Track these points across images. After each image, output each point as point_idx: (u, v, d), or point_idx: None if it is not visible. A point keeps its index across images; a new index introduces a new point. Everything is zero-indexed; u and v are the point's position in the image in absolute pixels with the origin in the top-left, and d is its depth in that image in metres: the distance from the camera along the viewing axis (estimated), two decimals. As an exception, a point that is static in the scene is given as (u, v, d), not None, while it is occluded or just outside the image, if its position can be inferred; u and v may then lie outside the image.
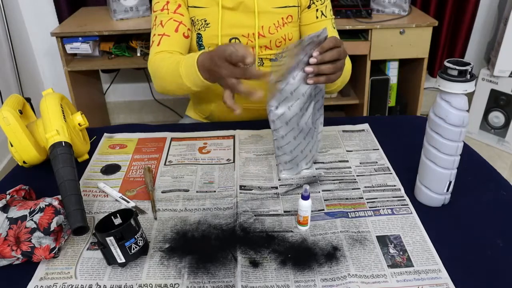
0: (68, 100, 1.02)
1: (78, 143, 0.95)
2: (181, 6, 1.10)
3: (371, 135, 1.08)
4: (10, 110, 0.88)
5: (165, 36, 1.07)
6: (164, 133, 1.11)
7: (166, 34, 1.07)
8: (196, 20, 1.12)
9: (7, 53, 2.22)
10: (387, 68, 2.27)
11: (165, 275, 0.70)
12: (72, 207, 0.75)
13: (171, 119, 2.74)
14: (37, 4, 2.34)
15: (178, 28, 1.08)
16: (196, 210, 0.84)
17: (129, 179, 0.94)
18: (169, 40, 1.07)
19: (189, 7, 1.12)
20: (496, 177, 0.92)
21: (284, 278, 0.68)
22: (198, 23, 1.12)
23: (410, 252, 0.73)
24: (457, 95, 0.72)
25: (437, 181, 0.80)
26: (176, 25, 1.08)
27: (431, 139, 0.77)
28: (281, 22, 1.11)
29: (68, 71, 2.07)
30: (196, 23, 1.12)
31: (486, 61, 2.62)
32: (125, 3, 2.07)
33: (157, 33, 1.08)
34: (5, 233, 0.72)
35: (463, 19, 2.36)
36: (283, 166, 0.92)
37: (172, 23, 1.08)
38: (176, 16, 1.09)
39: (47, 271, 0.71)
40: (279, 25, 1.11)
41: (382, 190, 0.88)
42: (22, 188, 0.84)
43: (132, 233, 0.70)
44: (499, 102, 2.32)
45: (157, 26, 1.09)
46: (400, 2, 2.06)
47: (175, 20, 1.08)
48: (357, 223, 0.79)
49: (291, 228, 0.79)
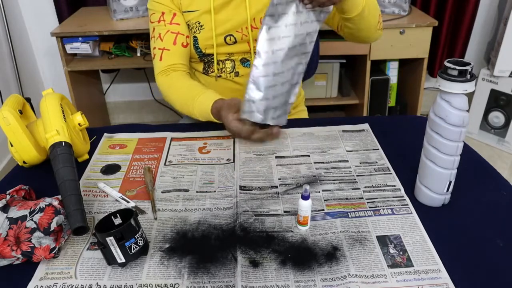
0: (68, 100, 1.02)
1: (78, 143, 0.95)
2: (176, 15, 1.13)
3: (371, 135, 1.08)
4: (10, 110, 0.88)
5: (165, 51, 1.13)
6: (164, 133, 1.11)
7: (166, 48, 1.13)
8: (192, 24, 1.13)
9: (7, 53, 2.22)
10: (387, 68, 2.27)
11: (165, 275, 0.70)
12: (72, 207, 0.75)
13: (171, 119, 2.74)
14: (37, 4, 2.34)
15: (176, 40, 1.12)
16: (196, 210, 0.84)
17: (129, 179, 0.94)
18: (170, 54, 1.13)
19: (184, 12, 1.13)
20: (496, 177, 0.92)
21: (284, 278, 0.68)
22: (193, 26, 1.13)
23: (410, 252, 0.73)
24: (457, 95, 0.72)
25: (437, 181, 0.80)
26: (174, 37, 1.12)
27: (431, 139, 0.77)
28: None
29: (68, 71, 2.07)
30: (191, 26, 1.13)
31: (486, 61, 2.62)
32: (125, 3, 2.07)
33: (157, 46, 1.14)
34: (5, 233, 0.72)
35: (463, 19, 2.36)
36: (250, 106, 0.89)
37: (170, 36, 1.12)
38: (172, 27, 1.13)
39: (47, 271, 0.71)
40: None
41: (382, 190, 0.88)
42: (22, 188, 0.84)
43: (132, 233, 0.70)
44: (499, 102, 2.32)
45: (156, 39, 1.14)
46: (400, 2, 2.06)
47: (172, 32, 1.12)
48: (357, 223, 0.79)
49: (291, 228, 0.79)
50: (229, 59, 1.17)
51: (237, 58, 1.18)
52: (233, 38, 1.13)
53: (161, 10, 1.12)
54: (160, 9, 1.13)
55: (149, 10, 1.16)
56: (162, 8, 1.12)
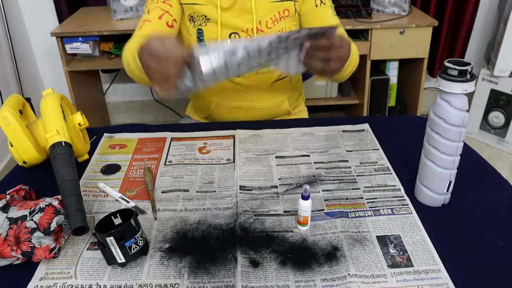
0: (68, 100, 1.02)
1: (78, 143, 0.95)
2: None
3: (371, 135, 1.08)
4: (10, 110, 0.88)
5: (148, 22, 1.09)
6: (164, 133, 1.11)
7: (148, 19, 1.09)
8: (196, 16, 1.12)
9: (7, 53, 2.22)
10: (387, 68, 2.27)
11: (165, 275, 0.70)
12: (72, 207, 0.75)
13: (171, 119, 2.74)
14: (37, 4, 2.34)
15: (162, 16, 1.10)
16: (196, 210, 0.84)
17: (129, 179, 0.94)
18: (151, 25, 1.09)
19: (186, 4, 1.12)
20: (496, 177, 0.92)
21: (284, 278, 0.68)
22: (198, 19, 1.13)
23: (410, 252, 0.73)
24: (457, 95, 0.72)
25: (437, 181, 0.80)
26: (161, 13, 1.10)
27: (431, 139, 0.77)
28: (278, 16, 1.13)
29: (68, 71, 2.07)
30: (196, 19, 1.13)
31: (486, 61, 2.62)
32: (125, 3, 2.07)
33: (142, 19, 1.11)
34: (5, 233, 0.72)
35: (463, 19, 2.36)
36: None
37: (157, 11, 1.10)
38: (163, 5, 1.11)
39: (47, 271, 0.71)
40: (276, 19, 1.13)
41: (382, 190, 0.88)
42: (22, 188, 0.84)
43: (132, 233, 0.70)
44: (499, 102, 2.32)
45: (144, 14, 1.12)
46: (400, 2, 2.06)
47: (161, 9, 1.11)
48: (357, 223, 0.79)
49: (291, 228, 0.79)
50: None
51: None
52: (238, 36, 1.14)
53: None
54: None
55: None
56: None
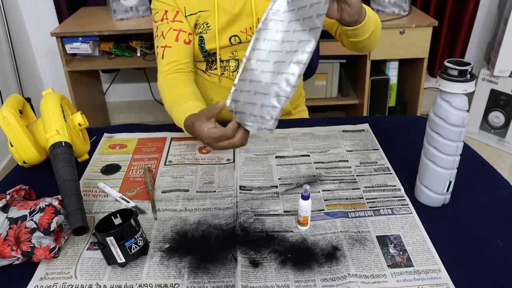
0: (68, 100, 1.02)
1: (78, 143, 0.95)
2: (179, 13, 1.14)
3: (371, 135, 1.08)
4: (10, 110, 0.88)
5: (167, 48, 1.12)
6: (164, 133, 1.11)
7: (167, 45, 1.12)
8: (200, 23, 1.13)
9: (7, 53, 2.22)
10: (387, 68, 2.27)
11: (165, 275, 0.70)
12: (72, 207, 0.75)
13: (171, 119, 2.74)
14: (37, 4, 2.34)
15: (178, 37, 1.12)
16: (196, 210, 0.84)
17: (129, 179, 0.94)
18: (171, 51, 1.12)
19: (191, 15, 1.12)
20: (496, 177, 0.92)
21: (284, 278, 0.68)
22: (200, 26, 1.13)
23: (410, 252, 0.73)
24: (457, 95, 0.72)
25: (437, 181, 0.80)
26: (176, 34, 1.12)
27: (431, 139, 0.77)
28: None
29: (68, 71, 2.06)
30: (199, 26, 1.13)
31: (486, 61, 2.62)
32: (125, 3, 2.07)
33: (160, 45, 1.13)
34: (5, 233, 0.72)
35: (463, 19, 2.36)
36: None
37: (172, 33, 1.12)
38: (175, 24, 1.12)
39: (47, 271, 0.71)
40: None
41: (382, 190, 0.88)
42: (22, 188, 0.84)
43: (132, 233, 0.70)
44: (499, 102, 2.32)
45: (159, 38, 1.13)
46: (400, 2, 2.06)
47: (174, 30, 1.12)
48: (357, 223, 0.79)
49: (291, 228, 0.79)
50: (234, 58, 1.18)
51: (241, 58, 1.18)
52: (238, 39, 1.14)
53: (164, 8, 1.13)
54: (163, 7, 1.13)
55: (152, 10, 1.16)
56: (165, 6, 1.13)
